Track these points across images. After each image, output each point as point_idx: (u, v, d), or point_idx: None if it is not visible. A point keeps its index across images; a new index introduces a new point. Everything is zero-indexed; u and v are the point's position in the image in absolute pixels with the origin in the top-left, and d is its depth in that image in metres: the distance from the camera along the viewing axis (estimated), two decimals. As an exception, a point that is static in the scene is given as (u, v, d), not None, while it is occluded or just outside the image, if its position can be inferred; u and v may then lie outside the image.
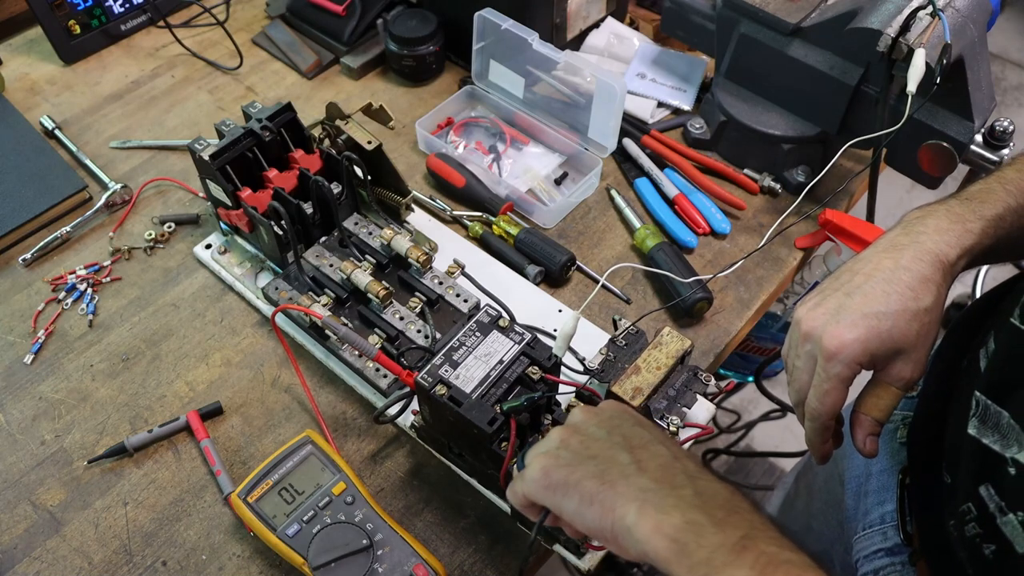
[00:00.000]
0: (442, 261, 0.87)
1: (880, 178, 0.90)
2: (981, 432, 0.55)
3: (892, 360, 0.57)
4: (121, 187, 0.96)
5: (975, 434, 0.56)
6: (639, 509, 0.47)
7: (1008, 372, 0.56)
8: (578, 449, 0.53)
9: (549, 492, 0.52)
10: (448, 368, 0.65)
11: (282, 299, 0.81)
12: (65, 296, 0.88)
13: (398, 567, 0.65)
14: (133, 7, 1.16)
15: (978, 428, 0.56)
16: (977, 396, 0.57)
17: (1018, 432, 0.52)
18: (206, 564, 0.70)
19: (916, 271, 0.56)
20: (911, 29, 0.80)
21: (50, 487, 0.75)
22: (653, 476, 0.49)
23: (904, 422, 0.76)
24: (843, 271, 0.59)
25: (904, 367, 0.57)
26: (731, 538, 0.45)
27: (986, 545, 0.54)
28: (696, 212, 0.94)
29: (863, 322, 0.55)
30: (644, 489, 0.48)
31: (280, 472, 0.70)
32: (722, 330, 0.87)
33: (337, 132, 0.88)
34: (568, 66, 0.98)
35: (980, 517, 0.55)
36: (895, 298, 0.55)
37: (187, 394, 0.81)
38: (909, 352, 0.56)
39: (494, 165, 1.01)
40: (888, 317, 0.55)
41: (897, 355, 0.57)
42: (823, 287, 0.60)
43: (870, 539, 0.73)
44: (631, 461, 0.50)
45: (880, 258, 0.58)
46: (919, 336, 0.56)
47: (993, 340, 0.59)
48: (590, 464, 0.51)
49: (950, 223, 0.58)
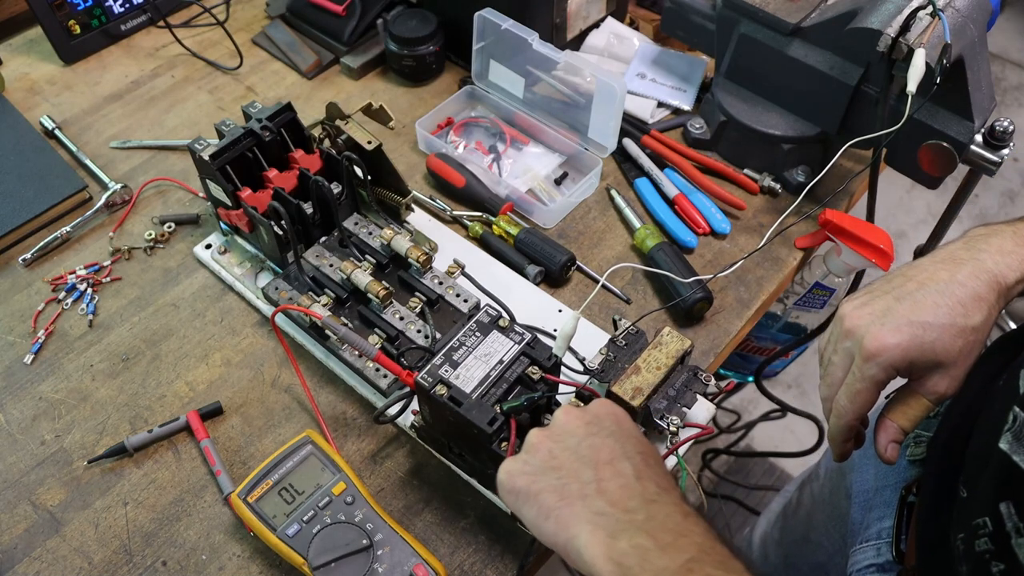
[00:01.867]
0: (442, 261, 0.87)
1: (880, 178, 0.90)
2: (1014, 449, 0.54)
3: (930, 372, 0.57)
4: (121, 187, 0.96)
5: (1007, 449, 0.54)
6: (591, 532, 0.48)
7: None
8: (545, 459, 0.54)
9: (511, 497, 0.54)
10: (448, 368, 0.65)
11: (282, 299, 0.81)
12: (65, 296, 0.88)
13: (398, 567, 0.65)
14: (133, 7, 1.16)
15: (1011, 444, 0.54)
16: (1016, 411, 0.55)
17: None
18: (206, 564, 0.70)
19: (971, 288, 0.55)
20: (911, 29, 0.80)
21: (50, 487, 0.75)
22: (610, 499, 0.50)
23: (916, 440, 0.75)
24: (896, 275, 0.59)
25: (941, 381, 0.57)
26: (676, 561, 0.45)
27: (995, 563, 0.53)
28: (696, 212, 0.94)
29: (908, 329, 0.55)
30: (598, 512, 0.49)
31: (280, 472, 0.70)
32: (722, 330, 0.87)
33: (337, 132, 0.88)
34: (568, 66, 0.98)
35: (995, 534, 0.53)
36: (944, 311, 0.55)
37: (187, 394, 0.81)
38: (948, 367, 0.56)
39: (494, 165, 1.01)
40: (934, 329, 0.55)
41: (936, 368, 0.56)
42: (873, 287, 0.59)
43: (864, 553, 0.73)
44: (592, 479, 0.51)
45: (937, 268, 0.57)
46: (961, 353, 0.55)
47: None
48: (552, 476, 0.52)
49: (1015, 245, 0.57)
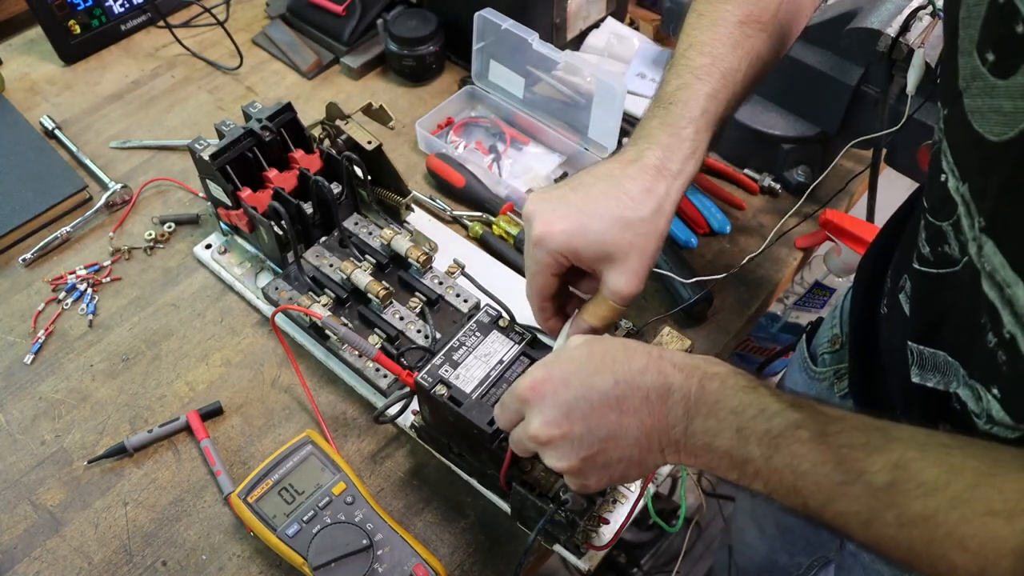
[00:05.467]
0: (442, 261, 0.87)
1: (880, 178, 0.90)
2: (924, 377, 0.55)
3: (605, 267, 0.58)
4: (121, 187, 0.96)
5: (919, 380, 0.56)
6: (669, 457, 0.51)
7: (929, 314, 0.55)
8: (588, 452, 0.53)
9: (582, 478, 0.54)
10: (448, 368, 0.65)
11: (282, 299, 0.81)
12: (65, 296, 0.88)
13: (398, 567, 0.65)
14: (133, 7, 1.16)
15: (920, 374, 0.56)
16: (911, 346, 0.56)
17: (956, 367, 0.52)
18: (206, 564, 0.70)
19: (640, 181, 0.58)
20: (911, 29, 0.80)
21: (50, 487, 0.75)
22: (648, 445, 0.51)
23: (838, 375, 0.76)
24: (582, 171, 0.61)
25: (618, 278, 0.58)
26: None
27: None
28: (696, 212, 0.94)
29: (575, 216, 0.57)
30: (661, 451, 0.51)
31: (280, 472, 0.70)
32: (722, 330, 0.87)
33: (337, 132, 0.88)
34: (568, 66, 0.98)
35: None
36: (613, 203, 0.57)
37: (187, 394, 0.81)
38: (621, 261, 0.57)
39: (494, 165, 1.01)
40: (601, 219, 0.57)
41: (608, 262, 0.58)
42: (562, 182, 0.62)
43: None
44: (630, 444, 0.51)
45: (612, 165, 0.59)
46: (632, 246, 0.57)
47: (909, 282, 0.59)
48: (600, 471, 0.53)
49: (668, 137, 0.60)
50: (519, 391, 0.54)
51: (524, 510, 0.66)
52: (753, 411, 0.47)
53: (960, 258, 0.48)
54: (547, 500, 0.63)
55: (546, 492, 0.63)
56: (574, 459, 0.52)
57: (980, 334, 0.47)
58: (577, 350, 0.53)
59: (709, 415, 0.48)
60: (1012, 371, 0.45)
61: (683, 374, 0.50)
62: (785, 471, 0.45)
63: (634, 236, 0.57)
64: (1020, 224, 0.42)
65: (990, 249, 0.44)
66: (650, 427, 0.50)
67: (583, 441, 0.51)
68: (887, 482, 0.42)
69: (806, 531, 0.98)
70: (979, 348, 0.47)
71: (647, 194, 0.57)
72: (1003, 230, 0.43)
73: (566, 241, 0.57)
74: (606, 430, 0.50)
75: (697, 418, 0.49)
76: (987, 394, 0.48)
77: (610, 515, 0.70)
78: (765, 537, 1.07)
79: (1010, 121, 0.40)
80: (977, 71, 0.42)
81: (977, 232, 0.45)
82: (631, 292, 0.58)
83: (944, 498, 0.40)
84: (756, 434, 0.46)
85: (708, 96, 0.61)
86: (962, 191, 0.47)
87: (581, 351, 0.53)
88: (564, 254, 0.58)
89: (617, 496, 0.71)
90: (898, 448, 0.43)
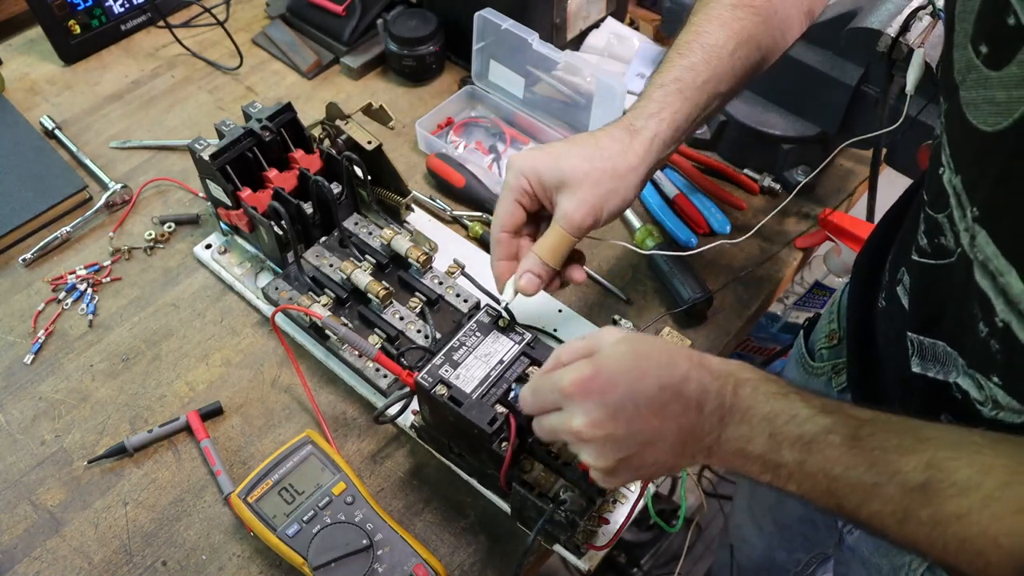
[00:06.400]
0: (442, 261, 0.87)
1: (880, 178, 0.90)
2: (924, 367, 0.56)
3: (560, 196, 0.62)
4: (121, 187, 0.96)
5: (919, 371, 0.56)
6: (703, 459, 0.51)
7: (928, 306, 0.56)
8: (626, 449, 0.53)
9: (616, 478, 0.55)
10: (448, 368, 0.65)
11: (282, 299, 0.81)
12: (65, 296, 0.88)
13: (398, 567, 0.65)
14: (133, 7, 1.16)
15: (921, 364, 0.56)
16: (911, 336, 0.57)
17: (955, 357, 0.52)
18: (206, 564, 0.70)
19: (607, 133, 0.64)
20: (911, 29, 0.80)
21: (50, 487, 0.75)
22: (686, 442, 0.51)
23: (835, 370, 0.77)
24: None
25: (568, 202, 0.62)
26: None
27: None
28: (696, 212, 0.94)
29: (547, 151, 0.63)
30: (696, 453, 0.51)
31: (280, 472, 0.70)
32: (722, 330, 0.87)
33: (337, 132, 0.88)
34: (568, 66, 0.98)
35: None
36: (579, 148, 0.63)
37: (187, 394, 0.81)
38: (575, 190, 0.61)
39: (494, 165, 1.01)
40: (569, 156, 0.62)
41: (564, 188, 0.62)
42: None
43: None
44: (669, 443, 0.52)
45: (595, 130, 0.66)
46: (587, 176, 0.61)
47: (907, 276, 0.59)
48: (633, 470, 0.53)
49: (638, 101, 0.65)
50: (564, 385, 0.52)
51: (524, 510, 0.66)
52: (785, 417, 0.48)
53: (954, 249, 0.49)
54: (547, 500, 0.63)
55: (546, 492, 0.63)
56: (611, 459, 0.52)
57: (972, 324, 0.48)
58: (619, 348, 0.52)
59: (742, 421, 0.49)
60: (1007, 359, 0.46)
61: (719, 382, 0.50)
62: (819, 475, 0.46)
63: (590, 168, 0.62)
64: (1013, 213, 0.42)
65: (983, 239, 0.44)
66: (687, 433, 0.50)
67: (623, 443, 0.51)
68: (921, 482, 0.43)
69: (803, 528, 0.98)
70: (972, 338, 0.48)
71: (612, 140, 0.63)
72: (996, 220, 0.44)
73: (532, 165, 0.63)
74: (647, 435, 0.51)
75: (731, 425, 0.49)
76: (988, 382, 0.49)
77: (610, 515, 0.70)
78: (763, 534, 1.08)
79: (1004, 111, 0.41)
80: (972, 63, 0.42)
81: (969, 222, 0.46)
82: (579, 219, 0.62)
83: (977, 497, 0.41)
84: (788, 440, 0.47)
85: (684, 67, 0.65)
86: (955, 183, 0.47)
87: (623, 350, 0.52)
88: (528, 177, 0.63)
89: (617, 496, 0.71)
90: (930, 448, 0.44)
